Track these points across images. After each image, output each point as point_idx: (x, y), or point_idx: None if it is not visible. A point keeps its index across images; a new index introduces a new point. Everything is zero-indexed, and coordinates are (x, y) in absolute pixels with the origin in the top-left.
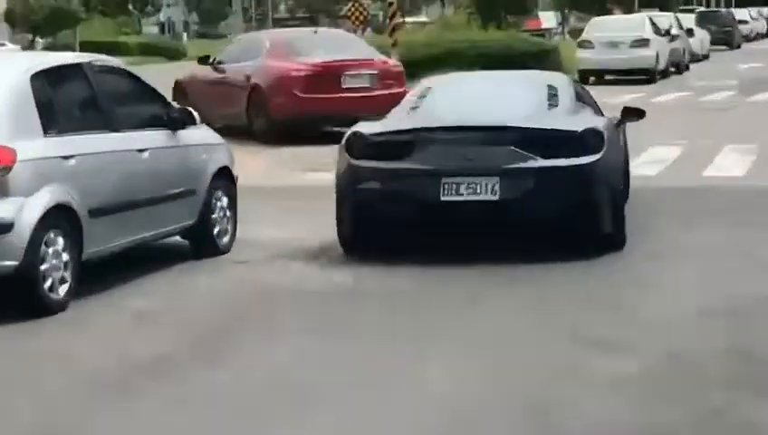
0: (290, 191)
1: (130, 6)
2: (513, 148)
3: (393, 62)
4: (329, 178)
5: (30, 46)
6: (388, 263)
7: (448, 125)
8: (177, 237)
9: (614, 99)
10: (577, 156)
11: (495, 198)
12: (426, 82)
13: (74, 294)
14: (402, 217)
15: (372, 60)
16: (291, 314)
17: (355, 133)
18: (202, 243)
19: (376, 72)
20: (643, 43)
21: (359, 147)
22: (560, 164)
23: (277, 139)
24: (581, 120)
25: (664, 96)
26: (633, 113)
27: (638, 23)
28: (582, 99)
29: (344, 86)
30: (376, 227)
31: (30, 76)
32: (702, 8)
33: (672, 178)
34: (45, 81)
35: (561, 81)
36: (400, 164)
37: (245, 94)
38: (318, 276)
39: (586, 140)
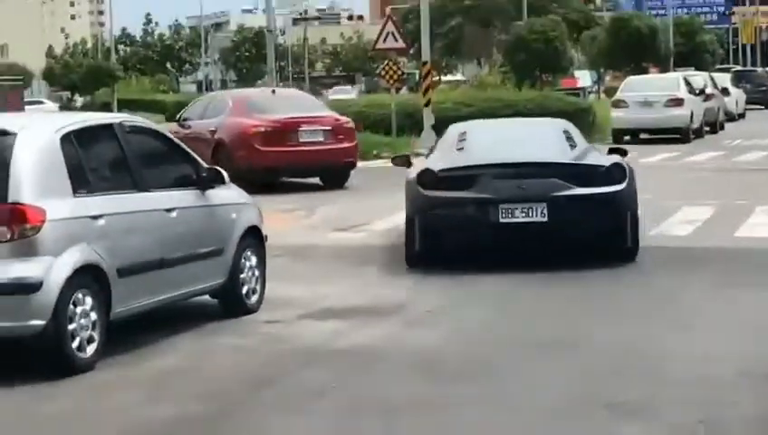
0: (318, 250)
1: (168, 65)
2: (555, 179)
3: (344, 119)
4: (356, 237)
5: (68, 104)
6: (412, 324)
7: (502, 162)
8: (206, 296)
9: (649, 158)
10: (607, 186)
11: (545, 219)
12: (457, 127)
13: (102, 353)
14: (466, 236)
15: (325, 116)
16: (317, 374)
17: (426, 170)
18: (231, 302)
19: (329, 127)
20: (677, 102)
21: (430, 180)
22: (594, 192)
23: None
24: (603, 158)
25: (698, 156)
26: (618, 152)
27: (672, 82)
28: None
29: (301, 140)
30: (441, 246)
31: (60, 136)
32: (738, 67)
33: (704, 239)
34: (75, 141)
35: (570, 126)
36: (465, 193)
37: (211, 148)
38: (345, 335)
39: (613, 173)
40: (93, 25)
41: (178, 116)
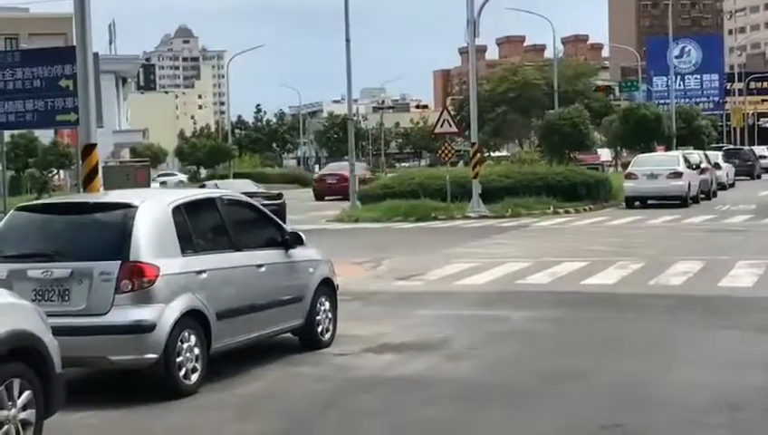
0: (382, 296)
1: (274, 145)
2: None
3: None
4: (417, 285)
5: (195, 175)
6: (452, 357)
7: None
8: (289, 334)
9: (654, 220)
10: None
11: None
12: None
13: (203, 380)
14: None
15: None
16: (372, 398)
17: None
18: (308, 339)
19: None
20: (677, 175)
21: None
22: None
23: None
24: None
25: (693, 218)
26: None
27: (673, 159)
28: None
29: None
30: None
31: (172, 209)
32: (729, 146)
33: (693, 288)
34: (184, 212)
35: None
36: None
37: None
38: (397, 366)
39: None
40: (216, 114)
41: None
